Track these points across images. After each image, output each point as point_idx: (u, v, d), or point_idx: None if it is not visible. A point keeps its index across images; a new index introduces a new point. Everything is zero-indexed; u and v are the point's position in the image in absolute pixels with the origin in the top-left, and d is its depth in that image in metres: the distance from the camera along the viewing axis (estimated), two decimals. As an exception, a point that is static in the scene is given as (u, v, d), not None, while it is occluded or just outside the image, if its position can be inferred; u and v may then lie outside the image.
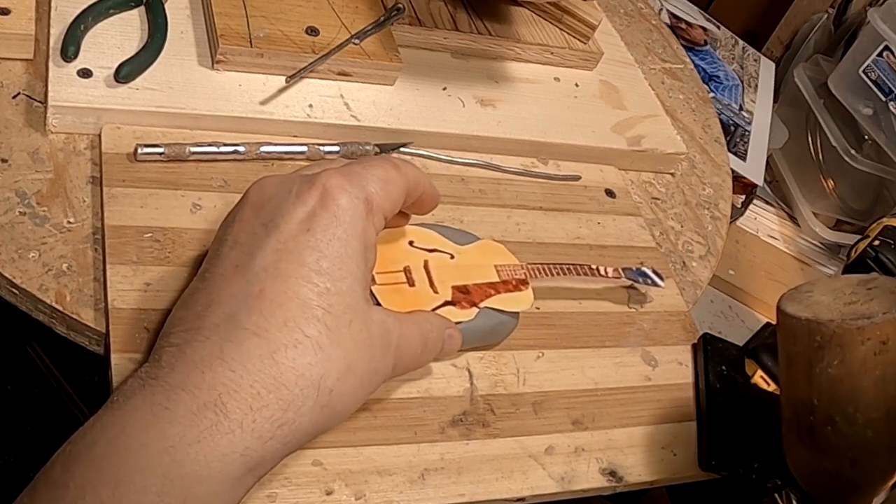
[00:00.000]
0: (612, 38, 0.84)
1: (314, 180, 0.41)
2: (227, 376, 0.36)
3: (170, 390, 0.36)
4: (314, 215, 0.40)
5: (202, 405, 0.36)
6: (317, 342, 0.38)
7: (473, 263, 0.54)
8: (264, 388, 0.37)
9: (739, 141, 1.10)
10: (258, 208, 0.42)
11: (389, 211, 0.44)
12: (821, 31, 1.27)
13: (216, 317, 0.38)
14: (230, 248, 0.41)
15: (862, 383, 0.44)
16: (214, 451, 0.35)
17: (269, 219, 0.41)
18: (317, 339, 0.38)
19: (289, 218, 0.40)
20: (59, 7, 0.59)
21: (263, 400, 0.37)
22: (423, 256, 0.53)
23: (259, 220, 0.41)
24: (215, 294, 0.39)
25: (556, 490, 0.50)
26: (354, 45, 0.63)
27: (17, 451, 1.10)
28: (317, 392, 0.38)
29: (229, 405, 0.36)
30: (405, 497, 0.46)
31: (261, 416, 0.37)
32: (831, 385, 0.45)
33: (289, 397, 0.37)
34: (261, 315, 0.38)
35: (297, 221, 0.40)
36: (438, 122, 0.65)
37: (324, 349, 0.38)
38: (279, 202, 0.41)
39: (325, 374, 0.38)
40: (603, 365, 0.58)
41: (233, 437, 0.36)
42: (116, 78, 0.56)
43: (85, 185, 0.53)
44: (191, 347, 0.38)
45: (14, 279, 0.47)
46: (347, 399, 0.40)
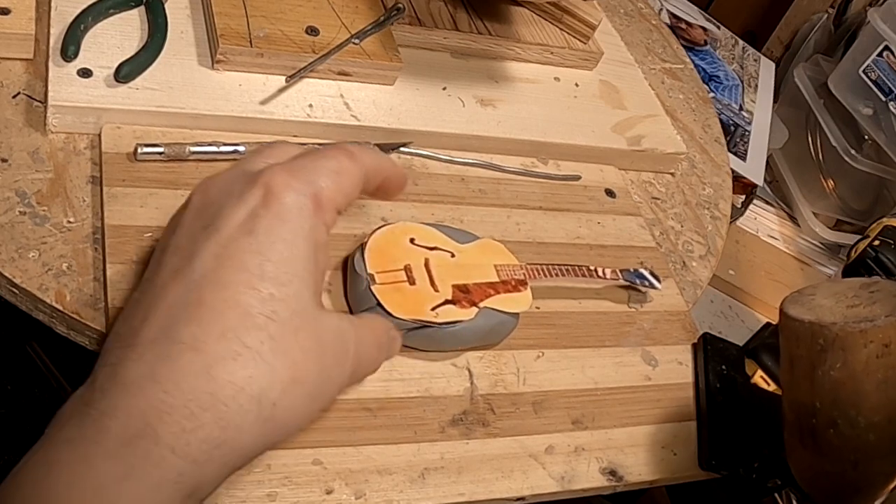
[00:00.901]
0: (612, 37, 0.84)
1: (257, 178, 0.38)
2: (158, 398, 0.34)
3: (99, 419, 0.34)
4: (256, 216, 0.37)
5: (132, 435, 0.33)
6: (258, 353, 0.35)
7: (474, 263, 0.54)
8: (199, 406, 0.34)
9: (739, 141, 1.10)
10: (200, 211, 0.39)
11: (343, 204, 0.41)
12: (821, 31, 1.27)
13: (151, 331, 0.36)
14: (171, 255, 0.38)
15: (864, 386, 0.44)
16: (146, 482, 0.33)
17: (209, 222, 0.38)
18: (258, 350, 0.35)
19: (229, 220, 0.38)
20: (59, 7, 0.59)
21: (198, 420, 0.34)
22: (423, 255, 0.53)
23: (199, 223, 0.39)
24: (153, 306, 0.37)
25: (556, 489, 0.50)
26: (354, 45, 0.63)
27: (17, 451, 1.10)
28: (258, 406, 0.35)
29: (160, 430, 0.33)
30: (405, 496, 0.46)
31: (195, 437, 0.34)
32: (833, 388, 0.45)
33: (227, 415, 0.34)
34: (198, 326, 0.35)
35: (239, 223, 0.37)
36: (438, 122, 0.65)
37: (266, 360, 0.36)
38: (220, 204, 0.39)
39: (268, 386, 0.36)
40: (603, 364, 0.58)
41: (164, 465, 0.33)
42: (116, 78, 0.56)
43: (85, 185, 0.53)
44: (124, 367, 0.35)
45: (14, 279, 0.47)
46: (297, 411, 0.37)
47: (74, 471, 0.33)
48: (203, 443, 0.34)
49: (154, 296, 0.37)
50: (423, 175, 0.63)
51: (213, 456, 0.34)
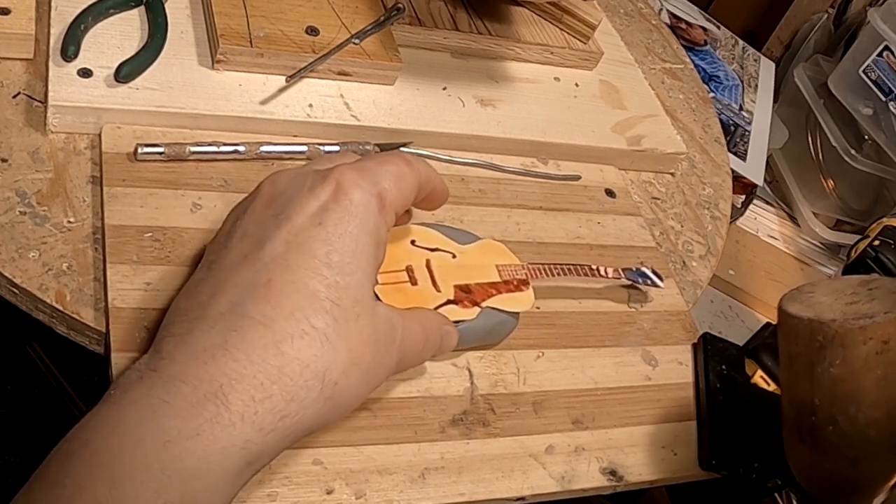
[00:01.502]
0: (612, 37, 0.84)
1: (328, 175, 0.41)
2: (230, 367, 0.36)
3: (169, 382, 0.36)
4: (326, 209, 0.40)
5: (202, 397, 0.35)
6: (323, 334, 0.38)
7: (475, 263, 0.54)
8: (268, 378, 0.36)
9: (739, 141, 1.10)
10: (270, 201, 0.42)
11: (401, 207, 0.44)
12: (821, 31, 1.27)
13: (221, 305, 0.38)
14: (239, 239, 0.40)
15: (863, 383, 0.44)
16: (214, 444, 0.35)
17: (280, 211, 0.40)
18: (323, 331, 0.38)
19: (301, 210, 0.40)
20: (60, 7, 0.59)
21: (267, 391, 0.36)
22: (425, 255, 0.53)
23: (270, 212, 0.41)
24: (221, 283, 0.39)
25: (557, 489, 0.50)
26: (354, 45, 0.63)
27: (17, 451, 1.10)
28: (321, 384, 0.38)
29: (231, 396, 0.35)
30: (405, 496, 0.46)
31: (263, 407, 0.36)
32: (833, 385, 0.45)
33: (293, 389, 0.37)
34: (268, 304, 0.37)
35: (309, 214, 0.40)
36: (438, 122, 0.65)
37: (330, 341, 0.38)
38: (291, 195, 0.41)
39: (331, 366, 0.38)
40: (603, 364, 0.58)
41: (233, 430, 0.35)
42: (116, 78, 0.56)
43: (85, 185, 0.53)
44: (193, 337, 0.37)
45: (14, 279, 0.47)
46: (351, 392, 0.40)
47: (144, 426, 0.35)
48: (270, 413, 0.36)
49: (222, 275, 0.39)
50: (423, 175, 0.63)
51: (277, 427, 0.36)
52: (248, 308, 0.37)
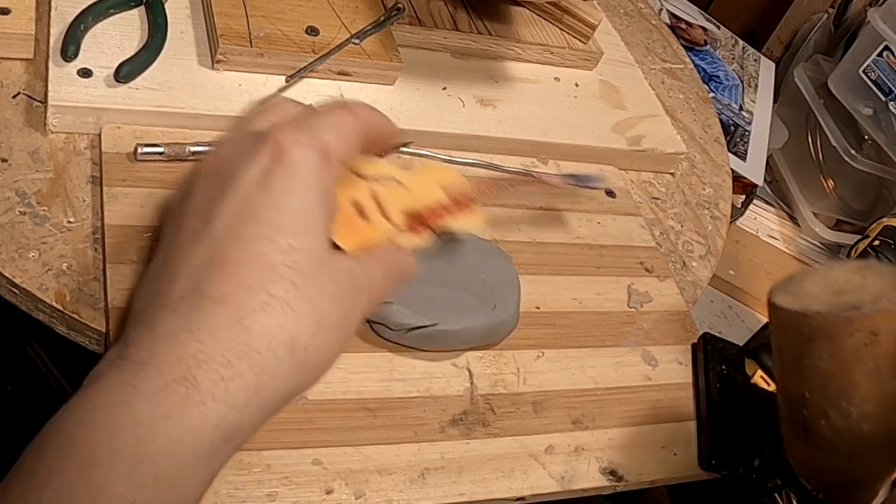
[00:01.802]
0: (612, 37, 0.84)
1: (266, 137, 0.40)
2: (195, 348, 0.36)
3: (137, 368, 0.35)
4: (270, 173, 0.39)
5: (171, 380, 0.35)
6: (284, 301, 0.37)
7: (421, 187, 0.53)
8: (234, 356, 0.36)
9: (739, 141, 1.10)
10: (214, 174, 0.41)
11: (347, 157, 0.43)
12: (821, 31, 1.27)
13: (181, 289, 0.38)
14: (189, 218, 0.40)
15: (854, 376, 0.43)
16: (185, 424, 0.35)
17: (224, 182, 0.40)
18: (284, 299, 0.37)
19: (244, 179, 0.39)
20: (60, 7, 0.59)
21: (235, 368, 0.36)
22: (371, 186, 0.52)
23: (216, 185, 0.40)
24: (178, 267, 0.38)
25: (557, 489, 0.50)
26: (354, 45, 0.63)
27: (18, 451, 1.10)
28: (290, 353, 0.37)
29: (199, 377, 0.35)
30: (405, 496, 0.46)
31: (233, 384, 0.36)
32: (822, 379, 0.45)
33: (262, 362, 0.36)
34: (225, 281, 0.37)
35: (254, 181, 0.39)
36: (438, 122, 0.65)
37: (293, 308, 0.37)
38: (233, 165, 0.40)
39: (298, 333, 0.38)
40: (603, 364, 0.58)
41: (204, 409, 0.35)
42: (116, 78, 0.56)
43: (85, 185, 0.53)
44: (157, 323, 0.37)
45: (14, 279, 0.47)
46: (325, 353, 0.40)
47: (114, 412, 0.35)
48: (242, 389, 0.36)
49: (178, 258, 0.39)
50: (423, 175, 0.63)
51: (251, 401, 0.36)
52: (206, 288, 0.37)
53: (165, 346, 0.36)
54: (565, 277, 0.59)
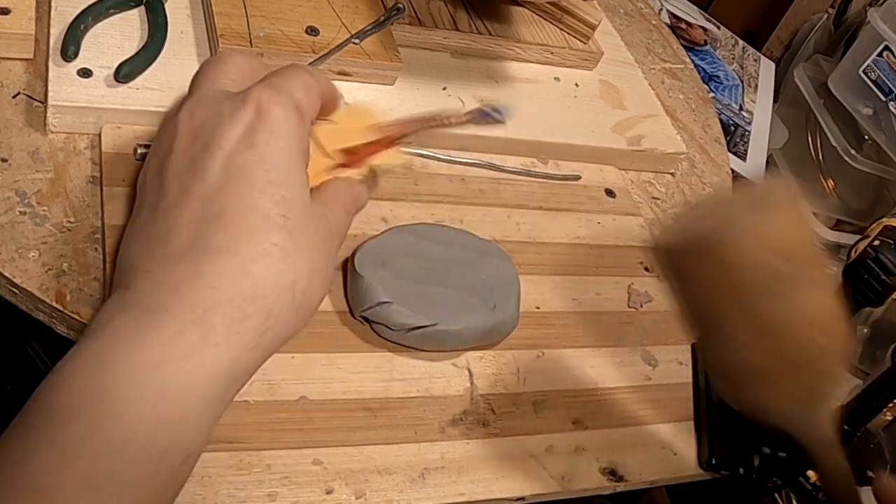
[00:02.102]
0: (611, 37, 0.84)
1: (245, 98, 0.42)
2: (207, 294, 0.37)
3: (150, 312, 0.37)
4: (254, 130, 0.41)
5: (187, 322, 0.37)
6: (283, 249, 0.39)
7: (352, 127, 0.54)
8: (244, 300, 0.38)
9: (739, 141, 1.10)
10: (193, 134, 0.42)
11: (313, 115, 0.45)
12: (821, 31, 1.27)
13: (181, 241, 0.39)
14: (175, 177, 0.41)
15: (720, 308, 0.42)
16: (203, 364, 0.36)
17: (208, 141, 0.41)
18: (283, 246, 0.39)
19: (228, 137, 0.41)
20: (60, 7, 0.59)
21: (245, 311, 0.38)
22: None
23: (198, 144, 0.41)
24: (173, 220, 0.40)
25: (557, 489, 0.50)
26: (354, 45, 0.63)
27: (17, 451, 1.09)
28: (291, 295, 0.39)
29: (214, 320, 0.37)
30: (405, 496, 0.46)
31: (244, 327, 0.38)
32: (691, 311, 0.44)
33: (268, 305, 0.38)
34: (226, 232, 0.39)
35: (239, 139, 0.41)
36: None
37: (291, 254, 0.40)
38: (214, 125, 0.41)
39: (297, 277, 0.40)
40: (603, 364, 0.58)
41: (220, 350, 0.37)
42: (116, 77, 0.56)
43: (85, 185, 0.53)
44: (163, 272, 0.38)
45: (14, 279, 0.47)
46: (317, 295, 0.42)
47: (133, 352, 0.36)
48: (252, 330, 0.38)
49: (170, 213, 0.40)
50: (423, 175, 0.63)
51: (259, 342, 0.39)
52: (209, 239, 0.39)
53: (177, 293, 0.37)
54: (565, 277, 0.59)
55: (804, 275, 0.42)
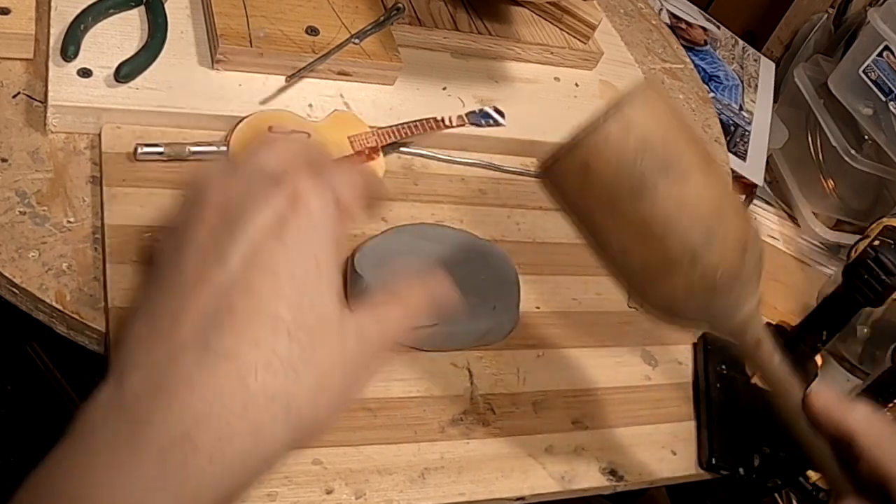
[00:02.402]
0: (611, 37, 0.84)
1: (282, 181, 0.38)
2: (196, 407, 0.34)
3: (135, 425, 0.34)
4: (285, 221, 0.37)
5: (170, 442, 0.34)
6: (288, 362, 0.36)
7: (329, 139, 0.53)
8: (233, 415, 0.34)
9: (739, 141, 1.10)
10: (221, 210, 0.39)
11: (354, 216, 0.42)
12: (821, 31, 1.27)
13: (183, 335, 0.36)
14: (193, 254, 0.38)
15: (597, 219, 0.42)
16: (184, 489, 0.34)
17: (234, 223, 0.38)
18: (288, 359, 0.36)
19: (257, 223, 0.37)
20: (60, 7, 0.59)
21: (233, 428, 0.34)
22: None
23: (223, 223, 0.38)
24: (181, 308, 0.37)
25: (557, 489, 0.50)
26: (354, 45, 0.63)
27: (18, 451, 1.10)
28: (286, 414, 0.36)
29: (198, 440, 0.34)
30: (405, 496, 0.46)
31: (230, 447, 0.34)
32: (582, 227, 0.44)
33: (259, 423, 0.35)
34: (231, 335, 0.35)
35: (267, 227, 0.37)
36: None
37: (296, 370, 0.36)
38: (244, 205, 0.38)
39: (297, 395, 0.36)
40: (603, 364, 0.58)
41: (202, 473, 0.34)
42: (116, 77, 0.56)
43: (85, 185, 0.53)
44: (157, 372, 0.35)
45: (14, 279, 0.47)
46: (321, 416, 0.38)
47: (110, 474, 0.34)
48: (237, 453, 0.35)
49: (181, 298, 0.37)
50: (423, 175, 0.63)
51: (245, 464, 0.35)
52: (212, 339, 0.35)
53: (164, 404, 0.34)
54: (565, 277, 0.59)
55: (672, 168, 0.41)
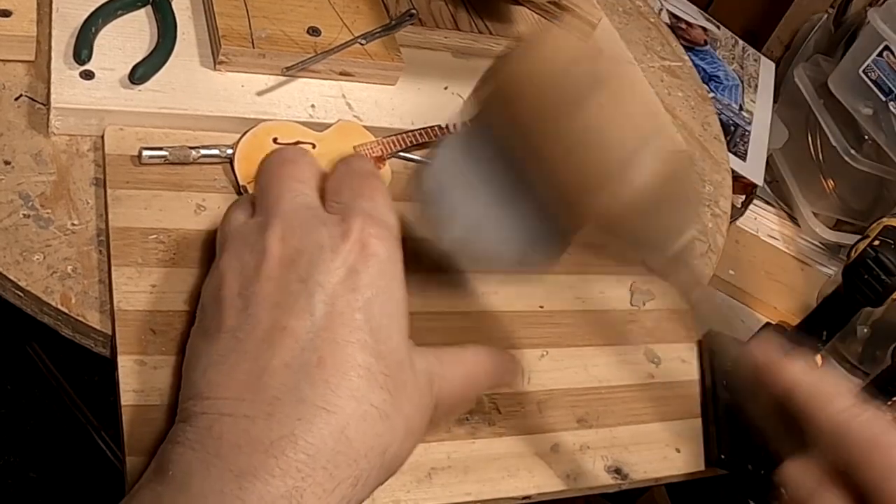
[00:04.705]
0: (611, 36, 0.84)
1: (347, 232, 0.39)
2: (300, 459, 0.35)
3: (241, 477, 0.34)
4: (356, 272, 0.39)
5: (277, 496, 0.34)
6: (382, 411, 0.37)
7: (334, 149, 0.53)
8: (336, 467, 0.35)
9: (739, 141, 1.10)
10: (287, 262, 0.39)
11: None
12: (821, 31, 1.27)
13: (273, 388, 0.36)
14: (263, 307, 0.38)
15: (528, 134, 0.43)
16: None
17: (305, 275, 0.38)
18: (382, 408, 0.37)
19: (329, 274, 0.38)
20: (61, 8, 0.59)
21: (336, 479, 0.35)
22: None
23: (294, 276, 0.39)
24: (263, 361, 0.37)
25: (562, 488, 0.50)
26: (356, 46, 0.63)
27: (18, 451, 1.10)
28: (381, 460, 0.37)
29: (305, 493, 0.34)
30: (412, 496, 0.46)
31: (334, 497, 0.35)
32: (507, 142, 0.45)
33: (357, 472, 0.36)
34: (326, 387, 0.36)
35: (340, 279, 0.38)
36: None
37: (389, 417, 0.37)
38: (312, 257, 0.39)
39: (391, 441, 0.38)
40: (606, 363, 0.58)
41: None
42: (131, 79, 0.56)
43: (88, 187, 0.53)
44: (254, 426, 0.35)
45: (19, 282, 0.47)
46: (405, 457, 0.40)
47: None
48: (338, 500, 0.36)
49: (260, 351, 0.37)
50: (425, 175, 0.63)
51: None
52: (307, 392, 0.36)
53: (268, 456, 0.35)
54: (568, 276, 0.59)
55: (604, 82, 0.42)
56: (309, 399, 0.36)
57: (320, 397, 0.36)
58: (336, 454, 0.35)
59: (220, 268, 0.41)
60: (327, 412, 0.36)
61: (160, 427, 0.42)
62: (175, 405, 0.40)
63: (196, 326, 0.42)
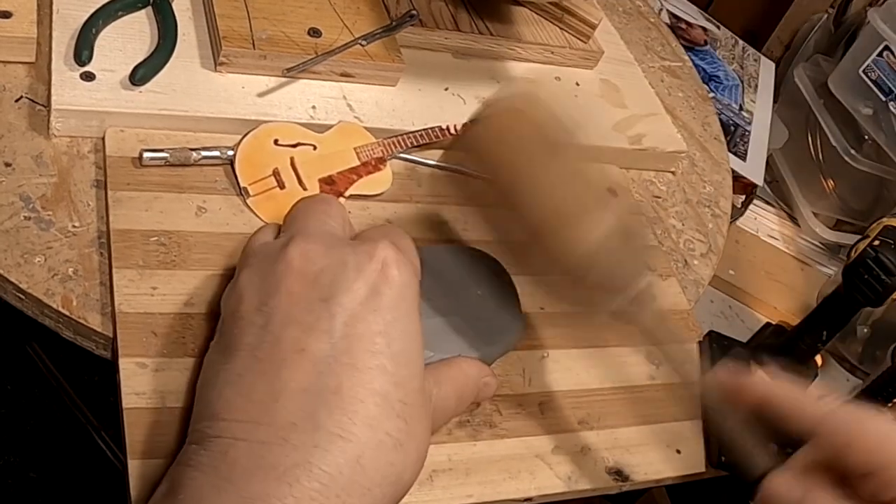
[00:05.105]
0: (611, 36, 0.84)
1: (372, 253, 0.39)
2: (314, 488, 0.34)
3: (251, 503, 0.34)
4: (378, 293, 0.38)
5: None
6: (397, 440, 0.37)
7: (335, 150, 0.53)
8: (349, 496, 0.35)
9: (739, 141, 1.10)
10: (309, 281, 0.39)
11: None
12: (821, 31, 1.27)
13: (289, 413, 0.36)
14: (285, 326, 0.38)
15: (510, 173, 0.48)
16: None
17: (327, 294, 0.38)
18: (397, 437, 0.37)
19: (351, 295, 0.38)
20: (61, 10, 0.59)
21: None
22: (288, 154, 0.53)
23: (315, 294, 0.38)
24: (280, 384, 0.36)
25: (563, 489, 0.50)
26: (357, 47, 0.63)
27: (17, 451, 1.10)
28: (395, 488, 0.37)
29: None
30: (413, 498, 0.46)
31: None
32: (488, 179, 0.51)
33: (369, 500, 0.36)
34: (343, 414, 0.36)
35: (361, 300, 0.38)
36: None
37: (403, 445, 0.37)
38: (335, 276, 0.39)
39: (403, 469, 0.38)
40: (607, 364, 0.58)
41: None
42: (132, 81, 0.56)
43: (89, 189, 0.53)
44: (269, 451, 0.35)
45: (20, 284, 0.47)
46: (412, 482, 0.40)
47: None
48: None
49: (279, 372, 0.37)
50: (425, 176, 0.63)
51: None
52: (323, 419, 0.36)
53: (282, 484, 0.34)
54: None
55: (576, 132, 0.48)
56: (325, 426, 0.36)
57: (336, 424, 0.36)
58: (350, 483, 0.35)
59: (240, 283, 0.41)
60: (343, 440, 0.35)
61: (162, 430, 0.42)
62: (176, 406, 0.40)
63: (215, 342, 0.41)
